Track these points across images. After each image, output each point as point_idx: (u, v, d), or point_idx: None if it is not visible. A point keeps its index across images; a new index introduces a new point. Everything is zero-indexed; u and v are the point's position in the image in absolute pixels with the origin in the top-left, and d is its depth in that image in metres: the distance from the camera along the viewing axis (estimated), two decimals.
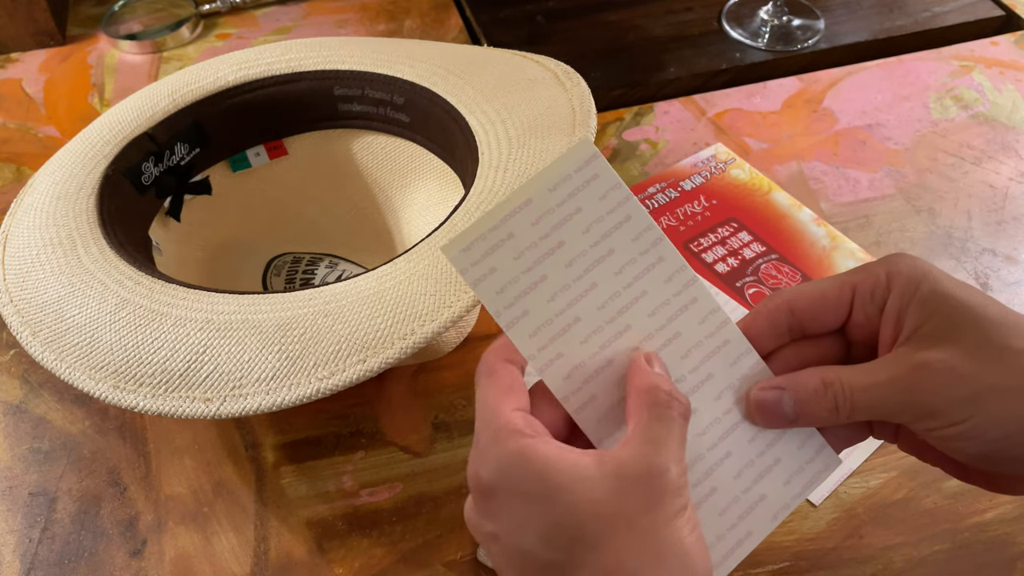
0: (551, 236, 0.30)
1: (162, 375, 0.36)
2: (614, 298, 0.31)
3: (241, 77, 0.51)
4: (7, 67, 0.72)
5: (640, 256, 0.31)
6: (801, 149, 0.62)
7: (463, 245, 0.29)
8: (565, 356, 0.30)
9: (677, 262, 0.32)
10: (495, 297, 0.29)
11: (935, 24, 0.74)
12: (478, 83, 0.48)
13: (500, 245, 0.29)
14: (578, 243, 0.30)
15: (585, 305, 0.31)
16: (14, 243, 0.44)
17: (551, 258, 0.30)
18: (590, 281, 0.31)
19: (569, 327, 0.30)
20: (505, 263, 0.29)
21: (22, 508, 0.44)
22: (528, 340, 0.30)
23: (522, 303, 0.30)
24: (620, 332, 0.31)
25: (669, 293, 0.32)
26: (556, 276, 0.30)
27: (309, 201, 0.55)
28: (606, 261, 0.31)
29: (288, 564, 0.42)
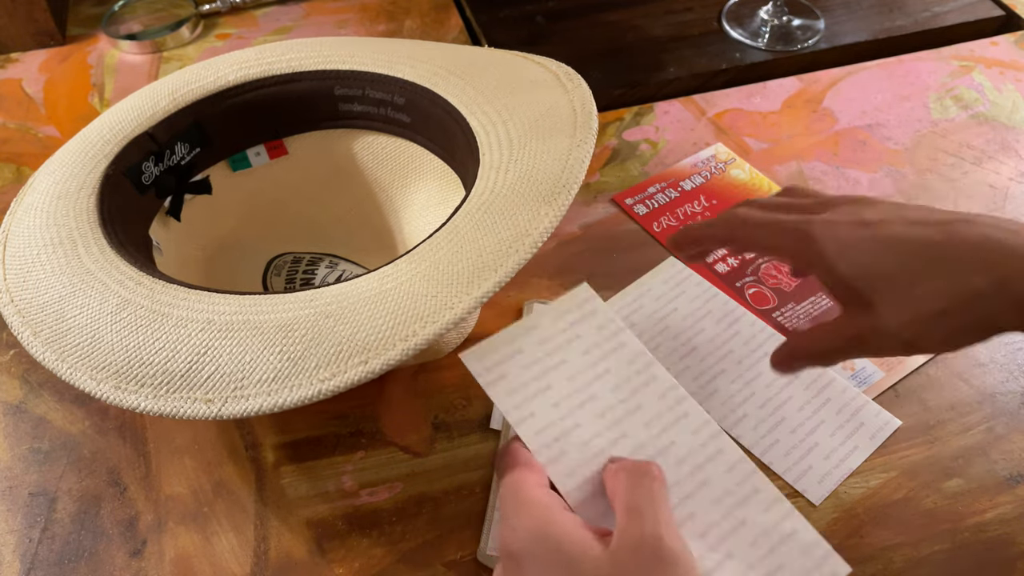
0: (555, 355, 0.36)
1: (163, 376, 0.36)
2: (611, 409, 0.36)
3: (241, 77, 0.51)
4: (7, 67, 0.72)
5: (635, 375, 0.37)
6: (801, 149, 0.62)
7: (480, 354, 0.35)
8: (568, 455, 0.34)
9: (668, 381, 0.37)
10: (506, 398, 0.35)
11: (935, 24, 0.74)
12: (479, 84, 0.48)
13: (511, 357, 0.35)
14: (578, 362, 0.36)
15: (585, 413, 0.35)
16: (14, 243, 0.44)
17: (555, 371, 0.36)
18: (589, 393, 0.36)
19: (571, 430, 0.35)
20: (515, 371, 0.35)
21: (22, 508, 0.44)
22: (535, 437, 0.34)
23: (529, 405, 0.35)
24: (617, 439, 0.35)
25: (663, 407, 0.36)
26: (559, 386, 0.35)
27: (309, 201, 0.55)
28: (604, 378, 0.36)
29: (288, 564, 0.42)
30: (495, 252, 0.37)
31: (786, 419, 0.46)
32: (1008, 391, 0.48)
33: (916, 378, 0.48)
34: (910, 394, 0.48)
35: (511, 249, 0.37)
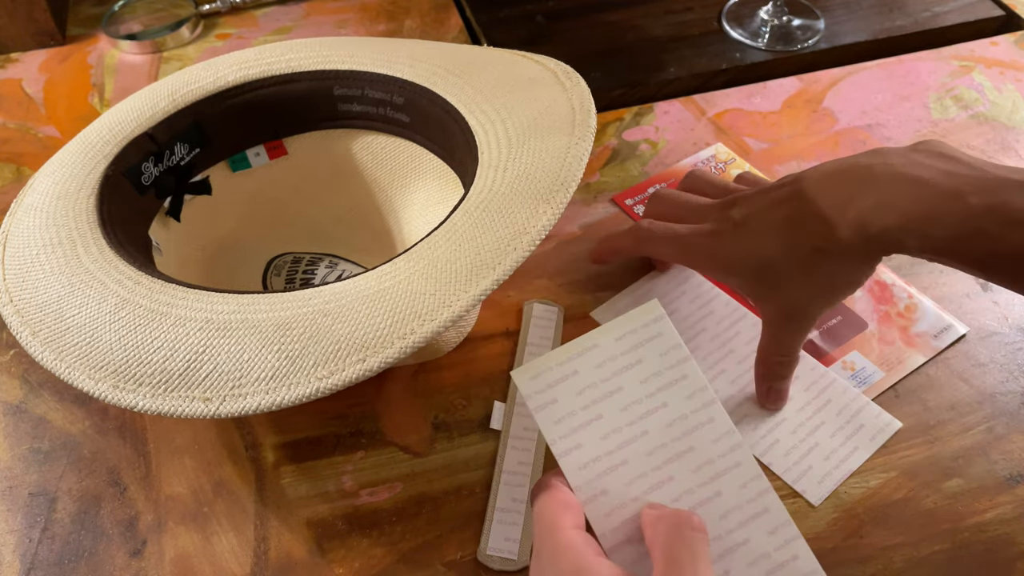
0: (611, 380, 0.33)
1: (162, 375, 0.36)
2: (662, 448, 0.33)
3: (241, 77, 0.51)
4: (7, 67, 0.72)
5: (692, 413, 0.34)
6: (801, 149, 0.62)
7: (533, 373, 0.33)
8: (609, 494, 0.32)
9: (726, 425, 0.34)
10: (553, 426, 0.32)
11: (935, 24, 0.74)
12: (478, 83, 0.48)
13: (564, 379, 0.33)
14: (635, 391, 0.33)
15: (634, 450, 0.33)
16: (14, 243, 0.44)
17: (608, 400, 0.33)
18: (642, 428, 0.33)
19: (616, 467, 0.33)
20: (567, 396, 0.33)
21: (22, 508, 0.44)
22: (577, 472, 0.32)
23: (576, 436, 0.33)
24: (663, 482, 0.33)
25: (715, 453, 0.34)
26: (611, 417, 0.33)
27: (309, 201, 0.55)
28: (659, 412, 0.34)
29: (288, 564, 0.42)
30: (493, 250, 0.37)
31: (786, 419, 0.46)
32: (1008, 391, 0.48)
33: (916, 378, 0.48)
34: (910, 394, 0.48)
35: (509, 247, 0.37)
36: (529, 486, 0.44)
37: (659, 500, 0.33)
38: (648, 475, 0.33)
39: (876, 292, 0.52)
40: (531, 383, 0.33)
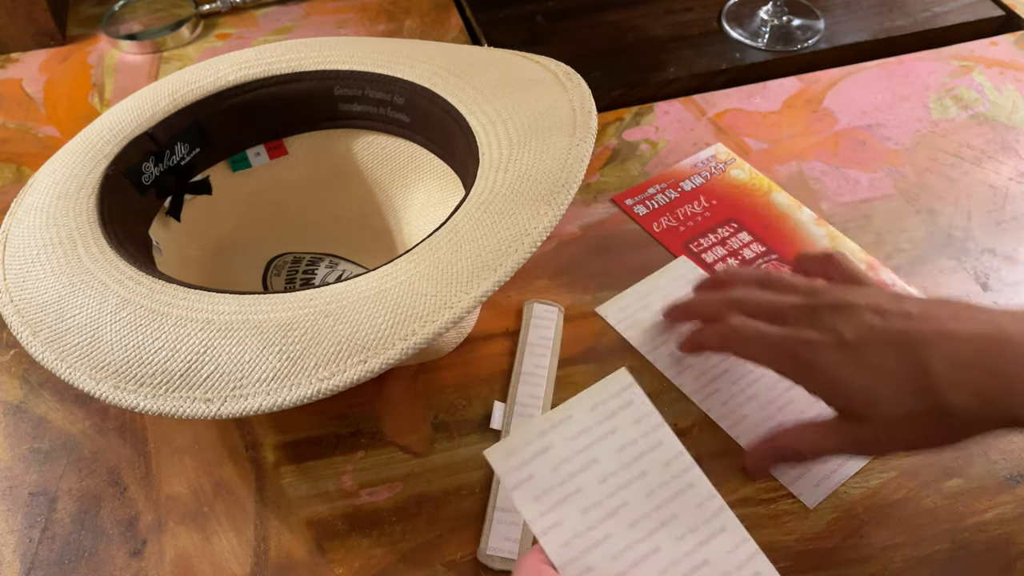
0: (587, 452, 0.33)
1: (163, 375, 0.36)
2: (645, 519, 0.33)
3: (241, 77, 0.51)
4: (7, 67, 0.72)
5: (672, 480, 0.33)
6: (801, 149, 0.62)
7: (506, 450, 0.32)
8: (595, 571, 0.31)
9: (707, 490, 0.34)
10: (531, 504, 0.32)
11: (935, 24, 0.74)
12: (478, 83, 0.48)
13: (539, 455, 0.32)
14: (612, 462, 0.33)
15: (617, 522, 0.32)
16: (14, 243, 0.44)
17: (586, 472, 0.32)
18: (622, 499, 0.33)
19: (600, 543, 0.32)
20: (543, 472, 0.32)
21: (22, 508, 0.44)
22: (560, 550, 0.31)
23: (556, 513, 0.32)
24: (648, 553, 0.32)
25: (699, 520, 0.33)
26: (590, 490, 0.32)
27: (309, 201, 0.55)
28: (638, 482, 0.33)
29: (288, 564, 0.42)
30: (494, 251, 0.37)
31: (787, 422, 0.46)
32: None
33: None
34: None
35: (510, 248, 0.37)
36: None
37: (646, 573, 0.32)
38: (633, 547, 0.32)
39: None
40: (505, 462, 0.32)
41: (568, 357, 0.49)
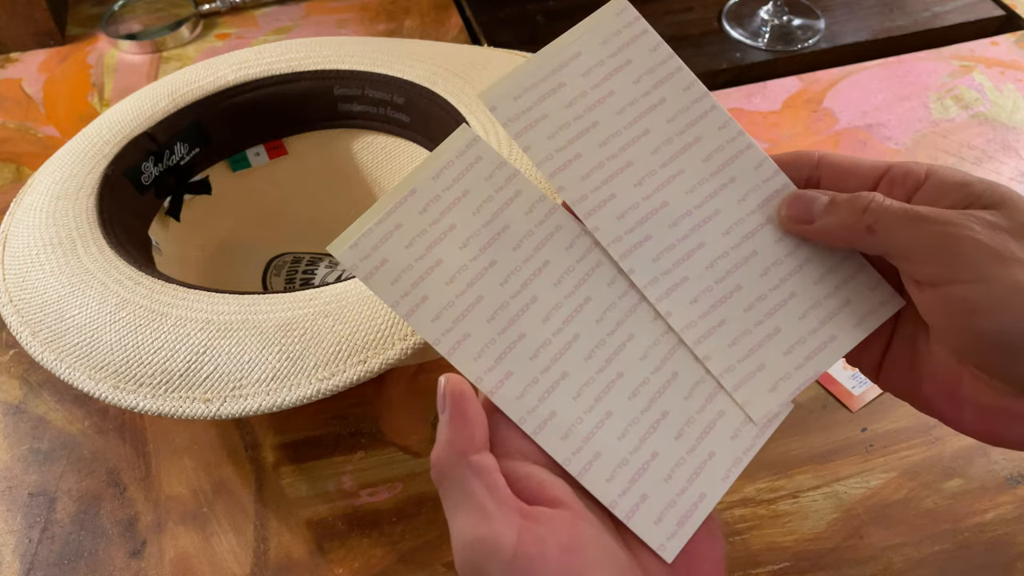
0: (441, 221, 0.29)
1: (162, 375, 0.36)
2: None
3: (241, 77, 0.51)
4: (7, 67, 0.72)
5: (537, 228, 0.30)
6: (801, 149, 0.62)
7: (350, 242, 0.28)
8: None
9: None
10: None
11: (935, 24, 0.74)
12: (478, 83, 0.48)
13: (389, 237, 0.28)
14: (470, 223, 0.29)
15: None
16: (14, 243, 0.44)
17: (443, 243, 0.29)
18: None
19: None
20: (396, 253, 0.28)
21: (22, 508, 0.44)
22: (430, 324, 0.28)
23: (420, 289, 0.28)
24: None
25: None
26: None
27: (309, 201, 0.55)
28: (503, 237, 0.30)
29: (288, 564, 0.42)
30: None
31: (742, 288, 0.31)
32: None
33: None
34: None
35: None
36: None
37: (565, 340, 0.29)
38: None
39: None
40: (352, 253, 0.28)
41: None
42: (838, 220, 0.29)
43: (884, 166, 0.30)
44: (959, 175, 0.29)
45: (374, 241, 0.28)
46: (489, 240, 0.29)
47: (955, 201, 0.28)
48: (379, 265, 0.28)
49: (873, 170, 0.30)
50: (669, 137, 0.31)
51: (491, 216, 0.30)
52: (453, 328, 0.29)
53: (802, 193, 0.31)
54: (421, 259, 0.29)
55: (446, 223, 0.29)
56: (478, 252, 0.29)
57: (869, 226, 0.28)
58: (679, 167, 0.31)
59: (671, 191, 0.30)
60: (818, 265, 0.31)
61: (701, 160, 0.31)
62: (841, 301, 0.31)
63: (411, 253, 0.28)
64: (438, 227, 0.29)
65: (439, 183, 0.29)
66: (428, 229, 0.29)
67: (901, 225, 0.28)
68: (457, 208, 0.29)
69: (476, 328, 0.29)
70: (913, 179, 0.29)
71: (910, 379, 0.31)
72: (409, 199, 0.29)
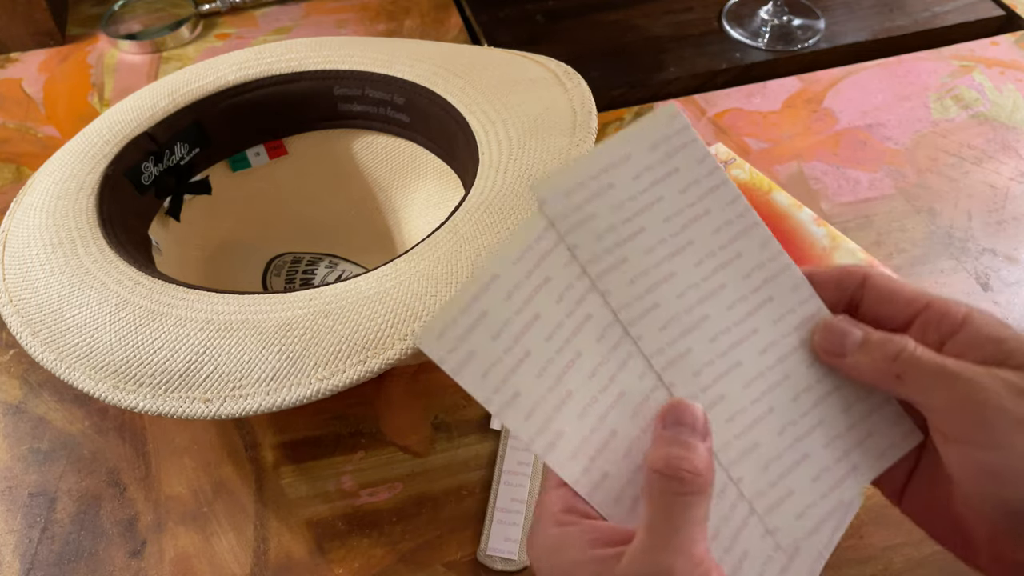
0: (525, 310, 0.28)
1: (162, 375, 0.36)
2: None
3: (241, 77, 0.51)
4: (7, 67, 0.72)
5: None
6: (801, 149, 0.62)
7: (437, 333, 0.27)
8: (568, 434, 0.28)
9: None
10: (481, 382, 0.27)
11: (935, 24, 0.74)
12: (478, 83, 0.48)
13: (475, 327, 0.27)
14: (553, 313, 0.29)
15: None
16: (14, 243, 0.44)
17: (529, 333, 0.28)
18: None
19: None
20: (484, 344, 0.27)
21: (22, 508, 0.44)
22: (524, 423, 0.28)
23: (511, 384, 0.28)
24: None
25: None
26: (539, 351, 0.28)
27: (309, 201, 0.55)
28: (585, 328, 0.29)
29: (288, 564, 0.42)
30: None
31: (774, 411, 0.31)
32: None
33: None
34: None
35: None
36: (528, 486, 0.44)
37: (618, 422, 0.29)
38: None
39: None
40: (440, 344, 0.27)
41: None
42: (869, 362, 0.30)
43: (924, 300, 0.30)
44: (994, 327, 0.29)
45: (460, 332, 0.27)
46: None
47: (987, 355, 0.28)
48: (467, 358, 0.27)
49: (912, 302, 0.30)
50: (712, 250, 0.30)
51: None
52: (546, 428, 0.28)
53: (835, 324, 0.31)
54: (509, 352, 0.28)
55: (530, 312, 0.28)
56: (563, 344, 0.29)
57: (898, 375, 0.29)
58: (720, 281, 0.30)
59: (712, 306, 0.30)
60: (846, 394, 0.31)
61: (742, 277, 0.31)
62: (864, 432, 0.31)
63: (499, 345, 0.27)
64: (523, 316, 0.28)
65: (520, 268, 0.28)
66: (513, 318, 0.28)
67: (929, 379, 0.28)
68: (540, 296, 0.28)
69: (569, 426, 0.28)
70: (949, 323, 0.29)
71: (929, 512, 0.32)
72: (492, 285, 0.28)
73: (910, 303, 0.30)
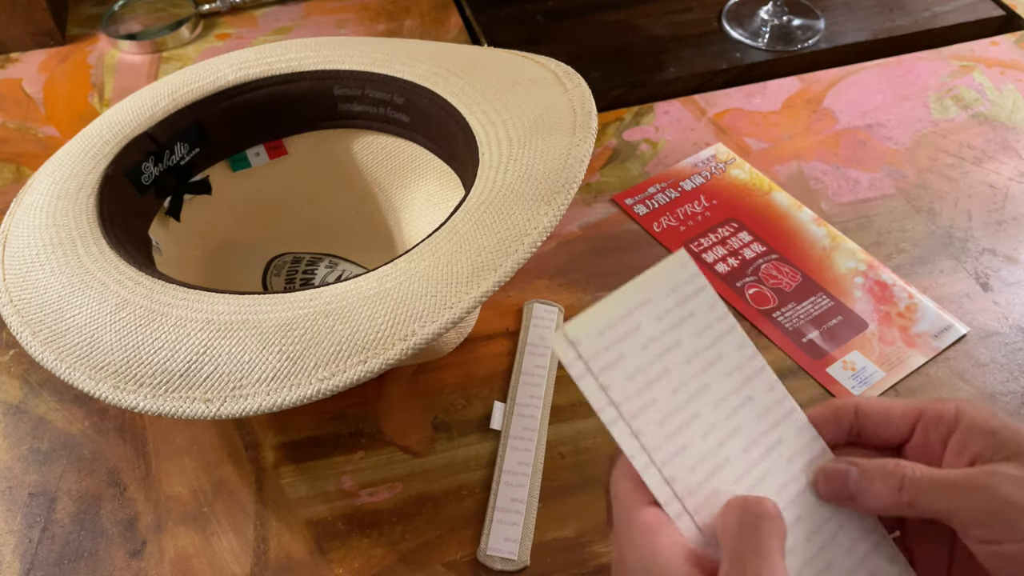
0: (670, 334, 0.32)
1: (162, 375, 0.36)
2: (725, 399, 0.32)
3: (241, 77, 0.51)
4: (7, 67, 0.72)
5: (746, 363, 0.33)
6: (801, 149, 0.62)
7: (593, 329, 0.30)
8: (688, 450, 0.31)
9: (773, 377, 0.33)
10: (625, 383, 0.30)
11: (935, 24, 0.74)
12: (478, 83, 0.48)
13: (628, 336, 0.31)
14: (694, 344, 0.32)
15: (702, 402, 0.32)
16: (14, 243, 0.43)
17: (671, 353, 0.31)
18: (705, 381, 0.32)
19: (690, 422, 0.32)
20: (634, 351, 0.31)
21: (22, 508, 0.44)
22: (656, 429, 0.31)
23: (649, 392, 0.31)
24: (733, 431, 0.32)
25: (770, 402, 0.33)
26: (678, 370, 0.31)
27: (309, 201, 0.55)
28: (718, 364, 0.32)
29: (288, 564, 0.42)
30: (494, 251, 0.37)
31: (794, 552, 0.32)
32: (1008, 391, 0.48)
33: (916, 378, 0.48)
34: (910, 394, 0.47)
35: (510, 248, 0.37)
36: (528, 486, 0.44)
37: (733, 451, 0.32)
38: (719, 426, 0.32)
39: (876, 292, 0.52)
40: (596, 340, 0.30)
41: None
42: (878, 500, 0.31)
43: (915, 410, 0.32)
44: (985, 420, 0.31)
45: (616, 335, 0.30)
46: (708, 364, 0.32)
47: (983, 448, 0.30)
48: (617, 359, 0.30)
49: (905, 416, 0.32)
50: (726, 394, 0.32)
51: (711, 342, 0.32)
52: (675, 435, 0.31)
53: (832, 468, 0.32)
54: (652, 364, 0.31)
55: (673, 337, 0.31)
56: (699, 372, 0.32)
57: (909, 503, 0.30)
58: (736, 424, 0.32)
59: (731, 448, 0.32)
60: (849, 533, 0.33)
61: (754, 419, 0.33)
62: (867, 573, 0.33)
63: (645, 355, 0.31)
64: (668, 338, 0.31)
65: (670, 299, 0.32)
66: (660, 337, 0.31)
67: (937, 497, 0.30)
68: (684, 326, 0.32)
69: (692, 443, 0.31)
70: (945, 424, 0.31)
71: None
72: (645, 307, 0.31)
73: (904, 417, 0.32)
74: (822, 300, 0.52)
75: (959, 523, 0.30)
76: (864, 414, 0.33)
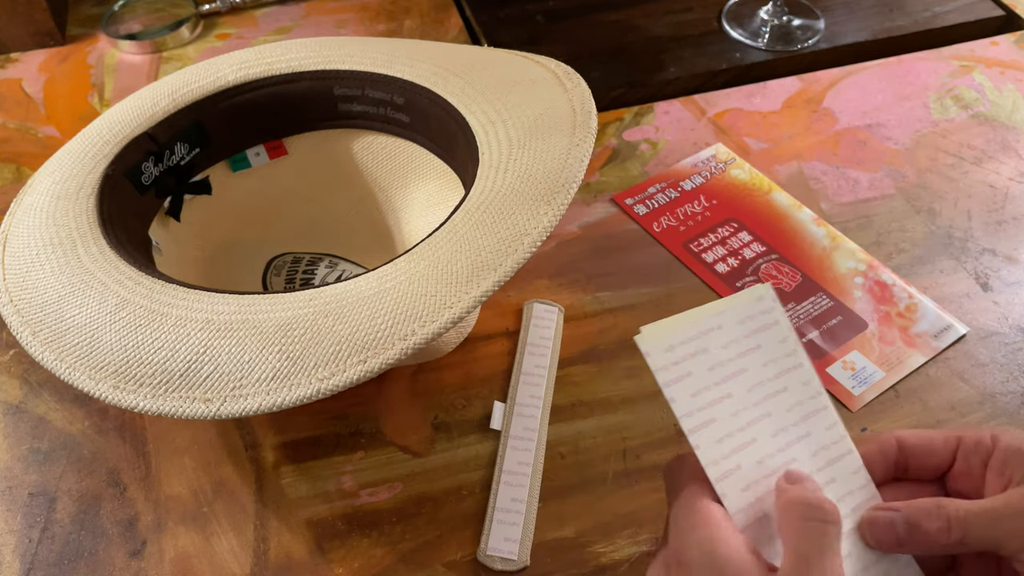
0: (737, 361, 0.33)
1: (162, 375, 0.36)
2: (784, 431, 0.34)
3: (241, 77, 0.51)
4: (7, 67, 0.72)
5: (809, 400, 0.34)
6: (801, 149, 0.62)
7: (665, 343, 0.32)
8: (742, 471, 0.32)
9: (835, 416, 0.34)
10: (689, 399, 0.32)
11: (935, 24, 0.74)
12: (478, 83, 0.48)
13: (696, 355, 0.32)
14: (759, 373, 0.33)
15: (761, 429, 0.33)
16: (14, 243, 0.43)
17: (737, 379, 0.33)
18: (766, 409, 0.33)
19: (747, 445, 0.33)
20: (701, 371, 0.32)
21: (22, 508, 0.44)
22: (714, 446, 0.32)
23: (712, 411, 0.32)
24: (787, 463, 0.33)
25: (828, 440, 0.34)
26: (740, 396, 0.33)
27: (309, 201, 0.55)
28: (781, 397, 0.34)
29: (288, 564, 0.42)
30: (494, 251, 0.37)
31: None
32: (1008, 391, 0.48)
33: (916, 378, 0.48)
34: (910, 394, 0.48)
35: (510, 248, 0.37)
36: (528, 486, 0.44)
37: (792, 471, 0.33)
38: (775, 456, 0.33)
39: (876, 292, 0.52)
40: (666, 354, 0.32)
41: (568, 357, 0.49)
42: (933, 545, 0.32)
43: (954, 438, 0.33)
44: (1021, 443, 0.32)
45: (686, 353, 0.32)
46: (773, 393, 0.33)
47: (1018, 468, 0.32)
48: (684, 375, 0.32)
49: (946, 444, 0.33)
50: (786, 425, 0.34)
51: (776, 374, 0.34)
52: (730, 457, 0.32)
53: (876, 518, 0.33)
54: (718, 385, 0.32)
55: (739, 365, 0.33)
56: (761, 399, 0.33)
57: (960, 540, 0.31)
58: (792, 456, 0.33)
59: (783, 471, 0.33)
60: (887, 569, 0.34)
61: (810, 454, 0.34)
62: None
63: (711, 376, 0.32)
64: (734, 364, 0.33)
65: (740, 329, 0.33)
66: (726, 362, 0.33)
67: (985, 530, 0.31)
68: (751, 356, 0.33)
69: (747, 465, 0.32)
70: (984, 447, 0.33)
71: None
72: (714, 333, 0.33)
73: (945, 445, 0.33)
74: (822, 300, 0.52)
75: (1009, 551, 0.30)
76: (907, 447, 0.34)
